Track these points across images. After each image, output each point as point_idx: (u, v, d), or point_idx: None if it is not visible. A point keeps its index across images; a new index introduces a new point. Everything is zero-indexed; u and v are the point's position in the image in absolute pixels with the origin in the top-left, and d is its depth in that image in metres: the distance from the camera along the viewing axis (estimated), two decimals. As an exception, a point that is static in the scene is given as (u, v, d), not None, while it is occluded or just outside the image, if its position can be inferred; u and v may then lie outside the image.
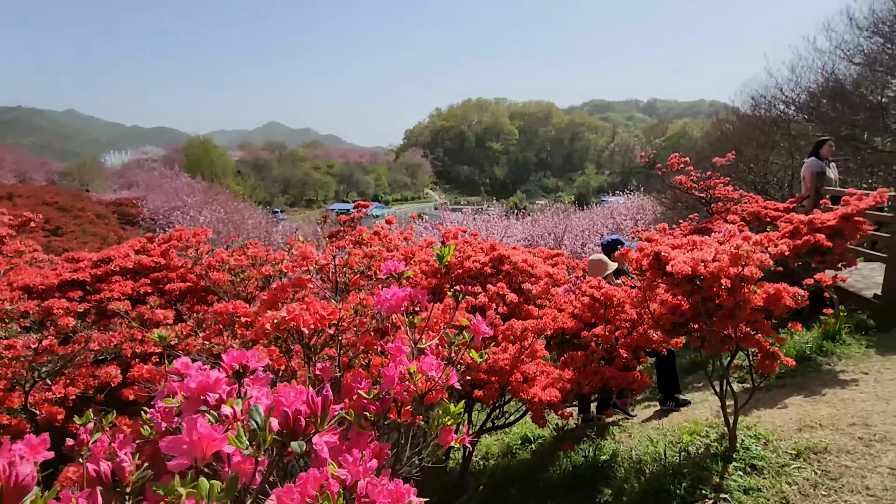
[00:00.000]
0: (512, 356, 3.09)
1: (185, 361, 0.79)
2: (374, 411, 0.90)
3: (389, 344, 0.99)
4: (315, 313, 1.06)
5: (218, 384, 0.70)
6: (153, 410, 0.80)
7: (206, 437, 0.49)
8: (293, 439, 0.53)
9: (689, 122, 78.12)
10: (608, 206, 26.13)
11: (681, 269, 2.42)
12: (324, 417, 0.56)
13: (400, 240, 4.09)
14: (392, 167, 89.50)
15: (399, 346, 0.98)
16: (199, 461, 0.49)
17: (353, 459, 0.79)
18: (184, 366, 0.78)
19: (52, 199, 23.38)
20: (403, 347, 0.98)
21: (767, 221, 5.77)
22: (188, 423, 0.50)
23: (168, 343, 1.12)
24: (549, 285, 3.52)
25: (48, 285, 2.91)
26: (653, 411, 4.60)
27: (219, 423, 0.55)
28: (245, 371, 0.74)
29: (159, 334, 1.14)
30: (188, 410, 0.67)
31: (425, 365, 0.96)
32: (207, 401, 0.67)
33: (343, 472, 0.77)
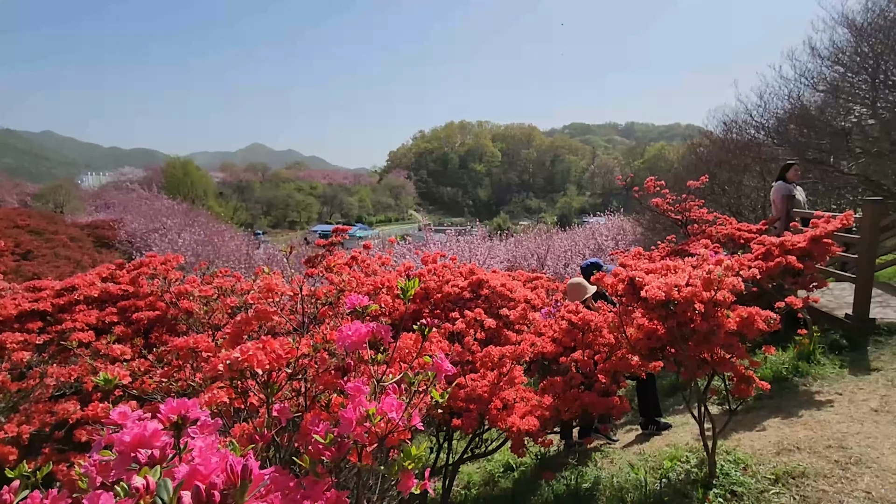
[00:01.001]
0: (490, 383, 3.05)
1: (124, 411, 0.74)
2: (329, 457, 0.85)
3: (349, 383, 0.95)
4: (271, 352, 1.02)
5: (155, 437, 0.65)
6: (87, 463, 0.75)
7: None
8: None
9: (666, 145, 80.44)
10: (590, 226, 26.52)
11: (655, 295, 2.43)
12: (243, 490, 0.53)
13: (378, 265, 4.06)
14: (376, 188, 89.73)
15: (358, 385, 0.94)
16: None
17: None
18: (121, 415, 0.73)
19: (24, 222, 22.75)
20: (363, 387, 0.94)
21: (741, 243, 5.90)
22: (90, 499, 0.46)
23: (114, 385, 1.06)
24: (528, 310, 3.50)
25: (6, 316, 2.78)
26: (635, 435, 4.57)
27: (129, 496, 0.51)
28: (185, 422, 0.70)
29: (104, 377, 1.07)
30: (119, 467, 0.62)
31: (385, 405, 0.93)
32: (138, 458, 0.62)
33: (292, 529, 0.73)
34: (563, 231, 25.57)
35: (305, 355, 1.12)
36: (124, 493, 0.51)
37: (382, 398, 0.93)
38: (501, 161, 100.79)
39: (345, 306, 3.09)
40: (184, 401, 0.71)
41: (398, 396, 1.02)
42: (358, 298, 1.13)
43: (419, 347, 1.94)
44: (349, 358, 1.10)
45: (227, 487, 0.51)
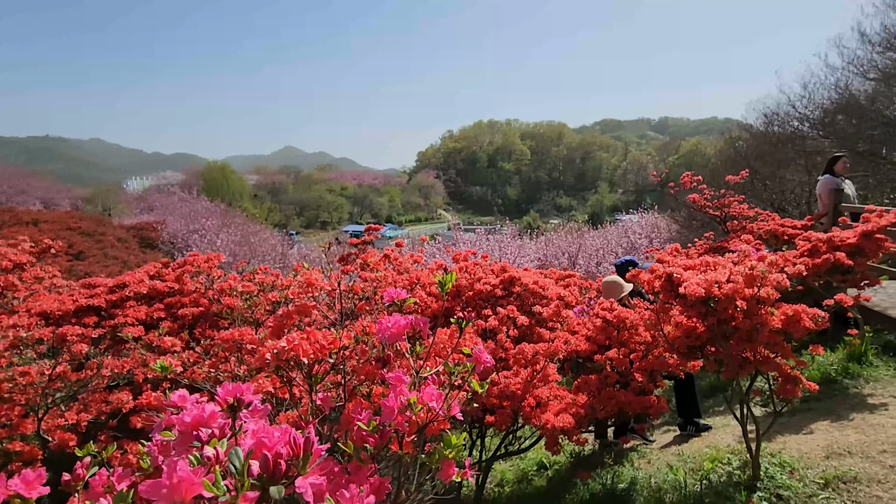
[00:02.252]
0: (523, 380, 3.04)
1: (183, 394, 0.78)
2: (373, 444, 0.88)
3: (390, 373, 0.97)
4: (315, 343, 1.05)
5: (212, 418, 0.69)
6: (150, 444, 0.79)
7: (185, 481, 0.48)
8: (272, 484, 0.52)
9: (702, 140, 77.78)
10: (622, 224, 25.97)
11: (694, 291, 2.36)
12: (306, 460, 0.55)
13: (410, 263, 4.10)
14: (405, 189, 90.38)
15: (399, 375, 0.96)
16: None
17: (350, 496, 0.77)
18: (181, 398, 0.77)
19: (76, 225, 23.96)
20: (404, 377, 0.96)
21: (785, 240, 5.66)
22: (168, 465, 0.49)
23: (170, 373, 1.12)
24: (561, 307, 3.47)
25: (65, 311, 2.97)
26: (672, 436, 4.46)
27: (201, 465, 0.54)
28: (240, 405, 0.73)
29: (161, 364, 1.14)
30: (181, 445, 0.66)
31: (426, 395, 0.95)
32: (200, 436, 0.66)
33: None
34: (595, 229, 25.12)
35: (346, 347, 1.15)
36: (197, 461, 0.55)
37: (422, 388, 0.94)
38: (531, 159, 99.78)
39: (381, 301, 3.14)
40: (238, 385, 0.74)
41: (437, 388, 1.04)
42: (396, 292, 1.15)
43: (454, 342, 1.96)
44: (388, 350, 1.12)
45: (289, 458, 0.54)
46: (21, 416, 2.32)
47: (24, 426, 2.32)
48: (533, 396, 3.05)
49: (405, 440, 1.00)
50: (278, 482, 0.51)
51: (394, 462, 0.99)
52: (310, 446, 0.56)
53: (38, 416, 2.28)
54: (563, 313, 3.68)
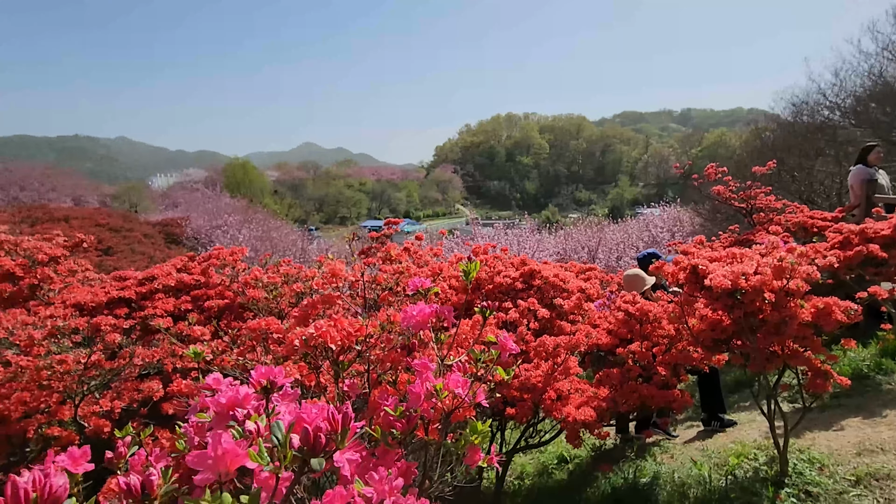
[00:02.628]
0: (544, 373, 3.03)
1: (217, 377, 0.81)
2: (399, 429, 0.89)
3: (416, 361, 0.98)
4: (342, 330, 1.07)
5: (247, 400, 0.71)
6: (187, 425, 0.82)
7: (230, 453, 0.50)
8: (313, 456, 0.53)
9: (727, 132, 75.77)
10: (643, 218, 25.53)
11: (720, 283, 2.32)
12: (344, 435, 0.56)
13: (430, 256, 4.11)
14: (423, 184, 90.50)
15: (425, 362, 0.97)
16: (223, 476, 0.50)
17: (379, 477, 0.78)
18: (215, 381, 0.80)
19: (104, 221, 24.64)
20: (429, 364, 0.97)
21: (814, 232, 5.50)
22: (213, 438, 0.51)
23: (203, 359, 1.15)
24: (582, 300, 3.44)
25: (97, 303, 3.07)
26: (696, 432, 4.40)
27: (243, 438, 0.56)
28: (273, 387, 0.75)
29: (194, 350, 1.17)
30: (217, 425, 0.69)
31: (451, 382, 0.95)
32: (236, 416, 0.68)
33: (369, 491, 0.77)
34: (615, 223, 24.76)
35: (372, 335, 1.17)
36: (239, 434, 0.57)
37: (448, 375, 0.95)
38: (549, 153, 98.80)
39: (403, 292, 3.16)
40: (271, 368, 0.76)
41: (462, 375, 1.05)
42: (420, 281, 1.16)
43: (476, 333, 1.96)
44: (413, 338, 1.14)
45: (328, 433, 0.55)
46: (59, 402, 2.42)
47: (62, 412, 2.42)
48: (554, 389, 3.04)
49: (431, 426, 1.01)
50: (319, 455, 0.53)
51: (419, 449, 1.01)
52: (348, 421, 0.57)
53: (74, 402, 2.38)
54: (585, 306, 3.65)
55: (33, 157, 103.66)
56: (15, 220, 19.45)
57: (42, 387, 2.25)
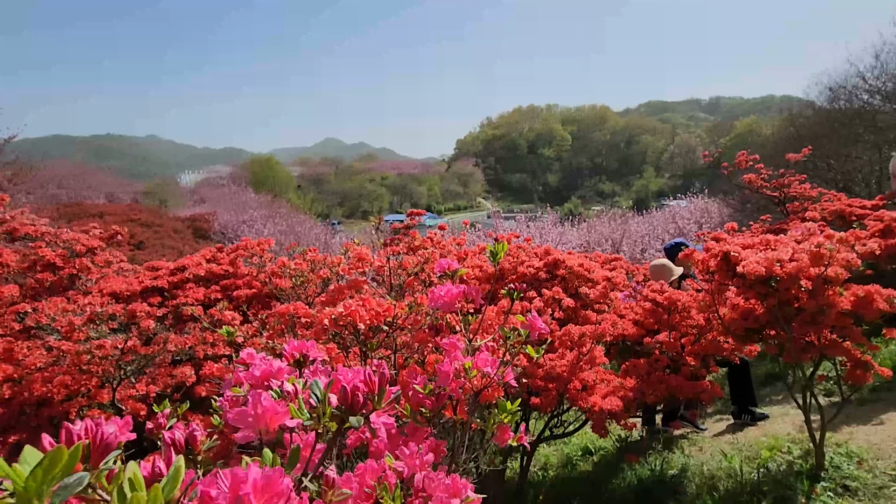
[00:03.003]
0: (570, 362, 3.00)
1: (251, 352, 0.82)
2: (429, 406, 0.89)
3: (444, 340, 0.98)
4: (371, 309, 1.08)
5: (280, 372, 0.72)
6: (222, 399, 0.84)
7: (269, 411, 0.51)
8: (352, 414, 0.53)
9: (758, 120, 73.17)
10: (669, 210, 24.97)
11: (753, 270, 2.25)
12: (381, 395, 0.57)
13: (453, 245, 4.10)
14: (444, 177, 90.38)
15: (454, 341, 0.97)
16: (263, 434, 0.51)
17: (410, 452, 0.78)
18: (249, 356, 0.81)
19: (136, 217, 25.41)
20: (458, 343, 0.97)
21: (852, 220, 5.28)
22: (253, 396, 0.52)
23: (234, 340, 1.18)
24: (608, 289, 3.38)
25: (132, 292, 3.18)
26: (725, 425, 4.30)
27: (281, 398, 0.57)
28: (305, 360, 0.76)
29: (227, 329, 1.20)
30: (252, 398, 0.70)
31: (480, 361, 0.95)
32: (271, 387, 0.69)
33: (400, 465, 0.77)
34: (640, 215, 24.29)
35: (399, 315, 1.17)
36: (277, 395, 0.58)
37: (477, 355, 0.95)
38: (572, 145, 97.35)
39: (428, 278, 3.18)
40: (304, 342, 0.77)
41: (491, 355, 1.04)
42: (448, 262, 1.15)
43: (503, 319, 1.95)
44: (440, 320, 1.13)
45: (365, 394, 0.56)
46: (98, 386, 2.52)
47: (101, 395, 2.52)
48: (579, 379, 3.01)
49: (459, 406, 1.01)
50: (357, 413, 0.53)
51: (448, 429, 1.01)
52: (385, 381, 0.58)
53: (112, 386, 2.47)
54: (611, 295, 3.60)
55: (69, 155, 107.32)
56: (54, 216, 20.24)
57: (82, 371, 2.35)
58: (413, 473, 0.77)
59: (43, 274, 3.30)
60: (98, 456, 0.39)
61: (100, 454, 0.39)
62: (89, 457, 0.38)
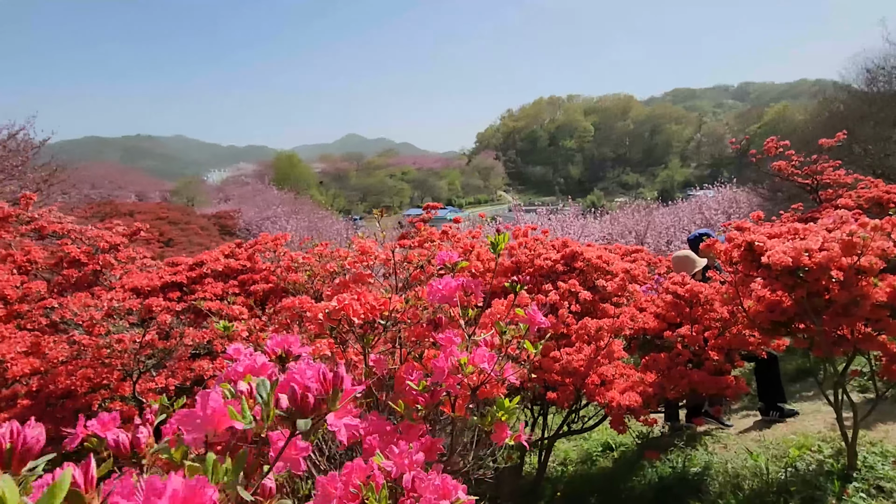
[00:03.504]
0: (587, 357, 2.93)
1: (237, 347, 0.80)
2: (423, 403, 0.86)
3: (441, 334, 0.95)
4: (366, 303, 1.05)
5: (263, 369, 0.70)
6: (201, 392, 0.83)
7: (218, 413, 0.49)
8: (300, 417, 0.51)
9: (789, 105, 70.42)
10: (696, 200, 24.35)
11: (779, 261, 2.14)
12: (335, 396, 0.53)
13: (468, 238, 4.06)
14: (464, 171, 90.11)
15: (450, 336, 0.94)
16: (212, 436, 0.49)
17: (399, 451, 0.75)
18: (235, 352, 0.80)
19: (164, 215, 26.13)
20: (454, 337, 0.94)
21: (890, 207, 5.02)
22: (201, 397, 0.50)
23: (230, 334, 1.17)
24: (626, 281, 3.29)
25: (152, 287, 3.25)
26: (752, 422, 4.16)
27: (234, 398, 0.54)
28: (288, 356, 0.74)
29: (223, 324, 1.19)
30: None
31: (477, 356, 0.91)
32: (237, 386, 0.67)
33: (388, 464, 0.75)
34: (665, 206, 23.74)
35: (398, 310, 1.14)
36: (231, 394, 0.55)
37: (474, 350, 0.91)
38: (594, 135, 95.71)
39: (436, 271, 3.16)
40: (287, 337, 0.75)
41: (490, 350, 1.00)
42: (448, 255, 1.12)
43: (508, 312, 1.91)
44: (440, 314, 1.10)
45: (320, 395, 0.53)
46: (119, 379, 2.58)
47: (123, 388, 2.58)
48: (597, 374, 2.94)
49: (458, 402, 0.97)
50: (307, 415, 0.51)
51: (448, 424, 0.97)
52: (339, 381, 0.55)
53: (133, 379, 2.53)
54: (630, 288, 3.50)
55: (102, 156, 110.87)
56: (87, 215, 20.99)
57: (104, 364, 2.41)
58: (402, 473, 0.74)
59: (69, 270, 3.40)
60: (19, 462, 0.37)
61: (21, 459, 0.37)
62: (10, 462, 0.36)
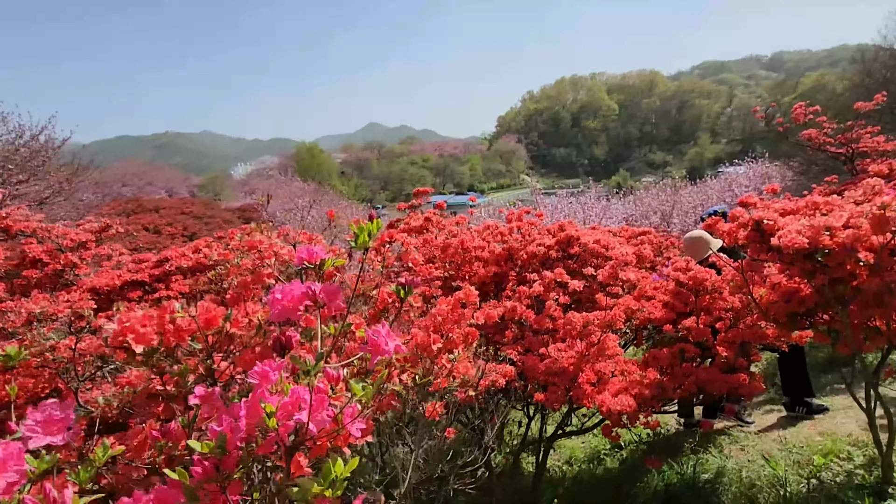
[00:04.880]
0: (576, 354, 2.60)
1: None
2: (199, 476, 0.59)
3: (258, 366, 0.67)
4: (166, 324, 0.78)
5: None
6: None
7: None
8: None
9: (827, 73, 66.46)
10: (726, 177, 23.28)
11: (791, 242, 1.76)
12: None
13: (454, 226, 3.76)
14: (486, 156, 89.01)
15: (266, 369, 0.66)
16: None
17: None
18: None
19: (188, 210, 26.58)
20: (271, 372, 0.66)
21: (938, 176, 4.45)
22: None
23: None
24: (618, 268, 2.93)
25: (112, 286, 3.08)
26: (776, 418, 3.78)
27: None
28: None
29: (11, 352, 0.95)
30: None
31: (296, 401, 0.63)
32: None
33: None
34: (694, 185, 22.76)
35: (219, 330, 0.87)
36: None
37: (292, 392, 0.63)
38: (619, 114, 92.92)
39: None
40: None
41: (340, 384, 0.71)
42: (309, 251, 0.82)
43: (459, 316, 1.61)
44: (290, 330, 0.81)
45: None
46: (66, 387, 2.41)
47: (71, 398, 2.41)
48: (594, 371, 2.61)
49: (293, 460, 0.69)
50: None
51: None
52: None
53: (73, 388, 2.35)
54: (632, 275, 3.14)
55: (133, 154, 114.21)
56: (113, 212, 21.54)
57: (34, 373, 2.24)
58: None
59: (30, 271, 3.27)
60: None
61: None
62: None
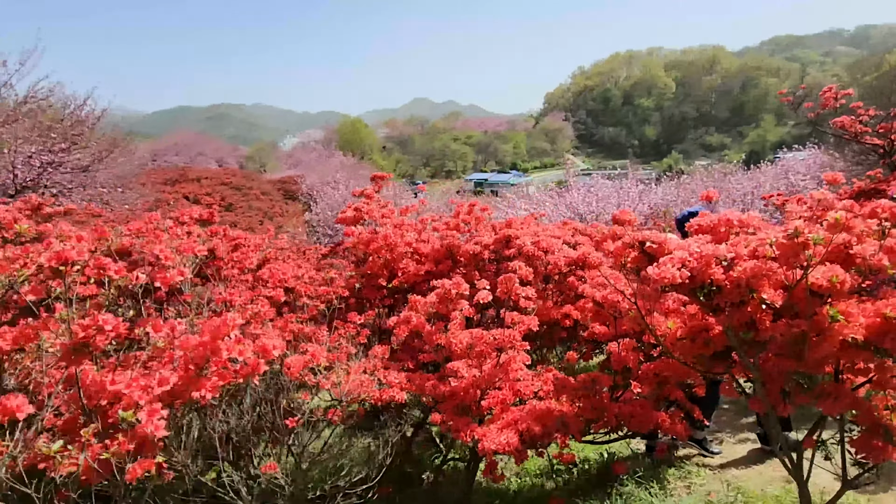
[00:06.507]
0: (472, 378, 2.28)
1: None
2: None
3: None
4: None
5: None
6: None
7: None
8: None
9: (920, 49, 59.47)
10: (782, 164, 21.47)
11: (663, 276, 1.36)
12: None
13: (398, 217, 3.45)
14: (531, 134, 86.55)
15: None
16: None
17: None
18: None
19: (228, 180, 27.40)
20: None
21: None
22: None
23: None
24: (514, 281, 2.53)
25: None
26: (748, 450, 3.34)
27: None
28: None
29: None
30: None
31: None
32: None
33: None
34: (747, 170, 21.10)
35: None
36: None
37: None
38: (675, 93, 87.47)
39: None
40: None
41: None
42: None
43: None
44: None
45: None
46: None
47: None
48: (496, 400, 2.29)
49: None
50: None
51: None
52: None
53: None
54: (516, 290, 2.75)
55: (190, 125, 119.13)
56: (159, 181, 22.52)
57: None
58: None
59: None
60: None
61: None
62: None
